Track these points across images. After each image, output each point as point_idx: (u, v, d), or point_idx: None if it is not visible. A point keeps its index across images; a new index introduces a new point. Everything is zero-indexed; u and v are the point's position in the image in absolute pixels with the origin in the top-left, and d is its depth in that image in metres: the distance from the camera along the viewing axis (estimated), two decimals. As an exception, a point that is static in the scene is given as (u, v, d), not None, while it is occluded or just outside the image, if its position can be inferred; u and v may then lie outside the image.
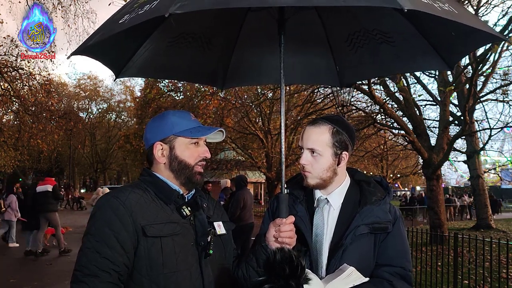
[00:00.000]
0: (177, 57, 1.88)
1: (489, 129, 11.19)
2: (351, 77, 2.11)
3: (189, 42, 1.81)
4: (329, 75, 2.06)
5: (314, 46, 1.99)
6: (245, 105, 16.43)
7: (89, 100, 43.46)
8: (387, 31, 1.71)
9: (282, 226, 1.37)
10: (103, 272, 1.25)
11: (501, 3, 10.65)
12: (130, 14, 1.23)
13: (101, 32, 1.39)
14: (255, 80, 2.52)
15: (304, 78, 2.45)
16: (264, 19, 1.71)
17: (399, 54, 1.80)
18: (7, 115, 20.30)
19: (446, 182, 38.75)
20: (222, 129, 1.52)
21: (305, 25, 1.87)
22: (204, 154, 1.49)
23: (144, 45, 1.74)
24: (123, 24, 1.21)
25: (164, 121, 1.48)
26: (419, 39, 1.67)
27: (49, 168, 31.44)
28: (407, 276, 1.44)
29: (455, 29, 1.45)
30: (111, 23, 1.38)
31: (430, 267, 6.19)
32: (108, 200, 1.35)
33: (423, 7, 1.07)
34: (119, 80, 19.71)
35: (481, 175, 15.15)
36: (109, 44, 1.60)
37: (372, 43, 1.78)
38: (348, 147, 1.53)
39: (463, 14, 1.25)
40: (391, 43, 1.74)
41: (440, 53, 1.70)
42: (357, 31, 1.79)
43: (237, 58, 2.02)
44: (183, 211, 1.41)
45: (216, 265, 1.45)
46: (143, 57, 1.79)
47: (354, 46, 1.84)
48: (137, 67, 1.83)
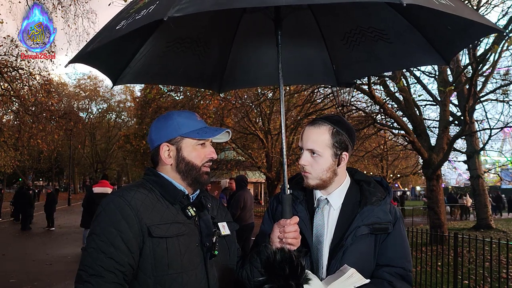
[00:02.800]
0: (173, 62, 1.87)
1: (489, 129, 11.20)
2: (349, 75, 2.10)
3: (185, 47, 1.80)
4: (326, 75, 2.05)
5: (310, 46, 1.98)
6: (245, 105, 16.43)
7: (89, 100, 43.49)
8: (382, 28, 1.71)
9: (287, 227, 1.37)
10: (108, 272, 1.25)
11: (501, 3, 10.64)
12: (127, 19, 1.21)
13: (99, 39, 1.38)
14: (252, 83, 2.51)
15: (302, 79, 2.44)
16: (259, 20, 1.71)
17: (395, 51, 1.80)
18: (7, 115, 20.30)
19: (446, 182, 38.79)
20: (228, 130, 1.51)
21: (301, 26, 1.87)
22: (210, 155, 1.48)
23: (140, 51, 1.72)
24: (121, 30, 1.19)
25: (170, 122, 1.47)
26: (415, 35, 1.66)
27: (49, 168, 31.48)
28: (407, 276, 1.44)
29: (451, 23, 1.44)
30: (108, 30, 1.37)
31: (430, 267, 6.19)
32: (114, 200, 1.33)
33: (421, 1, 1.06)
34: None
35: (481, 175, 15.14)
36: (105, 51, 1.58)
37: (368, 40, 1.78)
38: (348, 148, 1.52)
39: (460, 7, 1.24)
40: (387, 40, 1.73)
41: (436, 48, 1.70)
42: (353, 29, 1.78)
43: (233, 61, 2.02)
44: (188, 212, 1.40)
45: (220, 265, 1.45)
46: (139, 63, 1.77)
47: (350, 44, 1.84)
48: (134, 74, 1.82)
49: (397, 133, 12.12)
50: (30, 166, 31.24)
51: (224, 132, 1.48)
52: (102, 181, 9.06)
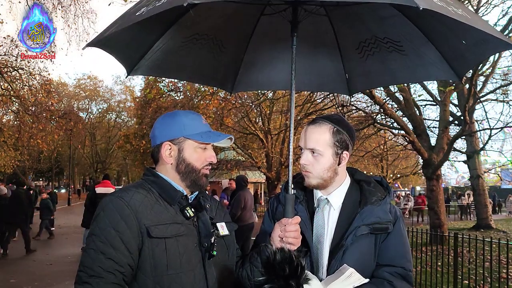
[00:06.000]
0: (189, 58, 1.87)
1: (489, 129, 11.20)
2: (360, 85, 2.11)
3: (201, 44, 1.80)
4: (338, 83, 2.05)
5: (325, 53, 1.98)
6: (245, 105, 16.42)
7: (89, 100, 43.47)
8: (398, 40, 1.71)
9: (288, 226, 1.37)
10: (108, 273, 1.25)
11: (501, 3, 10.66)
12: (148, 6, 1.21)
13: (118, 24, 1.37)
14: (264, 85, 2.50)
15: (314, 85, 2.41)
16: (276, 24, 1.71)
17: (409, 64, 1.79)
18: (7, 115, 20.31)
19: (446, 182, 38.77)
20: (231, 136, 1.52)
21: (317, 32, 1.87)
22: (210, 159, 1.48)
23: (157, 43, 1.73)
24: (141, 15, 1.19)
25: (175, 121, 1.46)
26: (430, 48, 1.66)
27: (49, 168, 31.49)
28: (407, 276, 1.44)
29: (465, 37, 1.44)
30: (128, 15, 1.37)
31: (430, 267, 6.19)
32: (112, 201, 1.33)
33: (438, 8, 1.06)
34: (119, 80, 19.32)
35: (481, 175, 15.14)
36: (123, 40, 1.59)
37: (382, 51, 1.78)
38: (348, 147, 1.52)
39: (475, 20, 1.24)
40: (402, 52, 1.73)
41: (449, 63, 1.70)
42: (368, 38, 1.78)
43: (248, 62, 2.02)
44: (186, 212, 1.40)
45: (219, 266, 1.45)
46: (155, 55, 1.78)
47: (364, 54, 1.84)
48: (149, 66, 1.82)
49: (397, 133, 12.13)
50: (30, 166, 31.22)
51: (227, 138, 1.49)
52: (104, 181, 9.11)
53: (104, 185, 8.88)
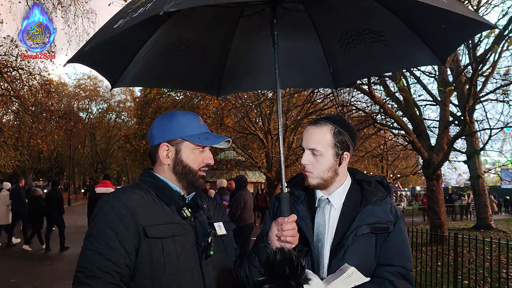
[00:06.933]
0: (172, 66, 1.87)
1: (489, 129, 11.20)
2: (346, 78, 2.11)
3: (183, 50, 1.80)
4: (323, 78, 2.06)
5: (307, 50, 1.98)
6: (245, 105, 16.43)
7: (89, 100, 43.45)
8: (378, 30, 1.71)
9: (284, 225, 1.37)
10: (105, 274, 1.25)
11: (501, 3, 10.65)
12: (125, 18, 1.22)
13: (96, 38, 1.39)
14: (251, 87, 2.50)
15: (299, 82, 2.44)
16: (256, 24, 1.71)
17: (391, 52, 1.81)
18: (7, 115, 20.31)
19: (446, 182, 38.80)
20: (229, 139, 1.52)
21: (297, 29, 1.87)
22: (208, 161, 1.49)
23: (138, 54, 1.72)
24: (118, 27, 1.20)
25: (173, 121, 1.47)
26: (411, 36, 1.67)
27: (49, 168, 31.45)
28: (408, 275, 1.44)
29: (445, 22, 1.46)
30: (106, 29, 1.38)
31: (430, 267, 6.19)
32: (109, 201, 1.34)
33: None
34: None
35: (481, 175, 15.15)
36: (104, 53, 1.59)
37: (364, 42, 1.78)
38: (349, 147, 1.53)
39: (452, 3, 1.25)
40: (383, 41, 1.74)
41: (431, 48, 1.71)
42: (349, 30, 1.78)
43: (232, 65, 2.02)
44: (183, 212, 1.41)
45: (217, 265, 1.45)
46: (138, 66, 1.77)
47: (347, 46, 1.84)
48: (133, 77, 1.82)
49: (397, 133, 12.14)
50: (30, 166, 31.20)
51: (224, 141, 1.49)
52: (104, 181, 9.14)
53: (104, 185, 8.90)
